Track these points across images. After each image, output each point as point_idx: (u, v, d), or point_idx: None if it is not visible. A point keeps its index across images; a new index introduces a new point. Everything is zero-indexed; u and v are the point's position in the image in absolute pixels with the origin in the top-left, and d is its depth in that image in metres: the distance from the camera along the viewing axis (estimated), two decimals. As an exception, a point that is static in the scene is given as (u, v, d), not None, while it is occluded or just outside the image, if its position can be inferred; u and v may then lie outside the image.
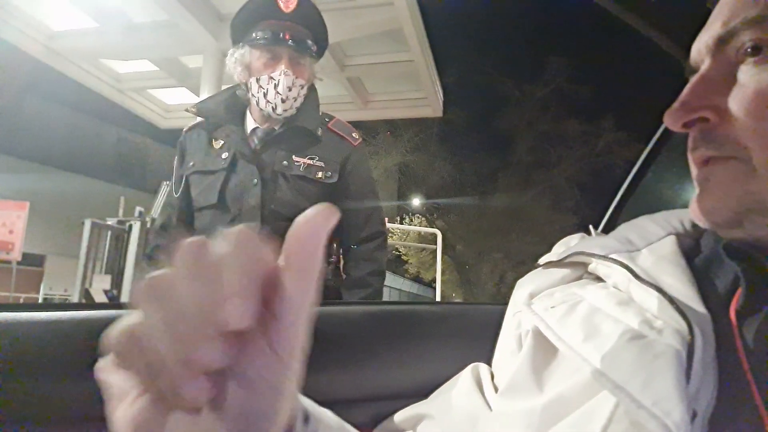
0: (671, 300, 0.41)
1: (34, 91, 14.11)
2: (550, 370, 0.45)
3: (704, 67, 0.45)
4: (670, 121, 0.45)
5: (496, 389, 0.50)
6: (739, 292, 0.41)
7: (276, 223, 1.47)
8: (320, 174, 1.52)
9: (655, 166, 1.31)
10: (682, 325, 0.39)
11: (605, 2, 0.81)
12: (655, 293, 0.42)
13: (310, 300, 0.26)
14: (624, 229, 0.53)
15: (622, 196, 1.32)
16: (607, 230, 0.57)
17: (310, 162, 1.52)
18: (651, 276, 0.44)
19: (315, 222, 0.26)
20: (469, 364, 0.57)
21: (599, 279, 0.50)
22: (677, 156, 1.32)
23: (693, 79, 0.45)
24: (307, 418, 0.35)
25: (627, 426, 0.37)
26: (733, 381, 0.38)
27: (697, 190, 0.46)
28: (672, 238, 0.49)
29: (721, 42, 0.44)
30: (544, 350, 0.47)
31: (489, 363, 0.56)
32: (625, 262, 0.46)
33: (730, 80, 0.43)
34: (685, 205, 0.49)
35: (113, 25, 5.19)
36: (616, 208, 1.32)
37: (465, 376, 0.55)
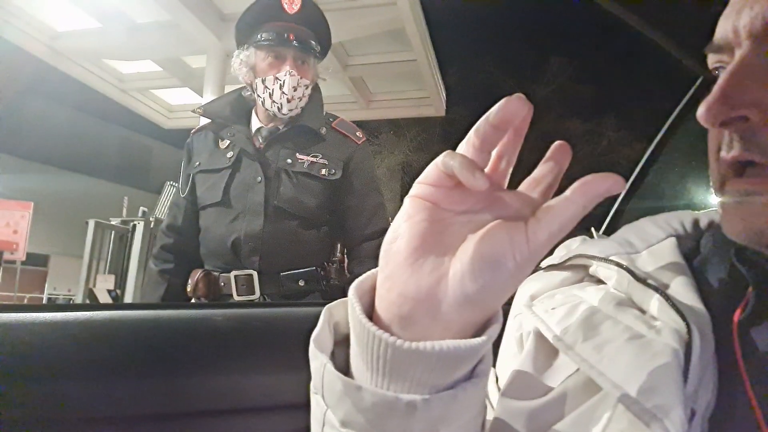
0: (669, 300, 0.41)
1: (37, 92, 14.15)
2: (550, 371, 0.45)
3: (744, 52, 0.38)
4: (708, 117, 0.38)
5: (499, 390, 0.51)
6: (748, 296, 0.41)
7: (279, 220, 1.48)
8: (324, 171, 1.54)
9: (658, 166, 1.31)
10: (681, 324, 0.39)
11: (607, 3, 0.81)
12: (654, 294, 0.42)
13: (567, 225, 0.31)
14: (624, 232, 0.53)
15: (625, 195, 1.31)
16: (609, 231, 0.57)
17: (314, 159, 1.53)
18: (650, 277, 0.44)
19: (606, 185, 0.31)
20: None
21: (600, 281, 0.50)
22: (679, 155, 1.32)
23: (732, 67, 0.38)
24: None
25: (626, 426, 0.37)
26: (732, 382, 0.38)
27: (729, 202, 0.40)
28: (672, 240, 0.49)
29: None
30: (544, 351, 0.47)
31: (492, 364, 0.56)
32: (625, 263, 0.46)
33: None
34: (688, 205, 0.48)
35: (116, 25, 5.20)
36: (618, 208, 1.32)
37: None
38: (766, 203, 0.38)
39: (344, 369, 0.36)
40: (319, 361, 0.36)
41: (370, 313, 0.35)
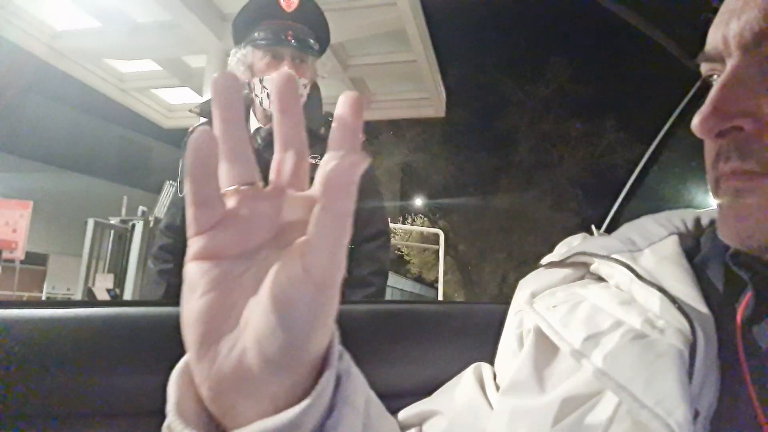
0: (673, 300, 0.41)
1: (37, 91, 14.12)
2: (551, 369, 0.45)
3: (735, 63, 0.39)
4: (703, 129, 0.39)
5: (497, 389, 0.51)
6: (748, 298, 0.41)
7: None
8: None
9: (657, 167, 1.31)
10: (684, 324, 0.39)
11: (608, 2, 0.81)
12: (657, 293, 0.42)
13: (342, 235, 0.28)
14: (626, 229, 0.53)
15: (625, 197, 1.31)
16: (609, 230, 0.57)
17: (313, 161, 1.52)
18: (653, 276, 0.44)
19: (347, 165, 0.28)
20: (472, 363, 0.57)
21: (601, 279, 0.50)
22: (679, 156, 1.32)
23: (723, 78, 0.39)
24: (341, 355, 0.35)
25: (629, 425, 0.37)
26: (734, 382, 0.38)
27: (725, 207, 0.41)
28: (674, 238, 0.49)
29: (762, 37, 0.37)
30: (545, 349, 0.47)
31: (491, 362, 0.56)
32: (627, 262, 0.46)
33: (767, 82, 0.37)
34: (688, 205, 0.48)
35: (116, 25, 5.19)
36: (618, 208, 1.32)
37: (467, 375, 0.55)
38: (757, 204, 0.38)
39: None
40: None
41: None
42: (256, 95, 1.52)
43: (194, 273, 0.30)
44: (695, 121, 0.39)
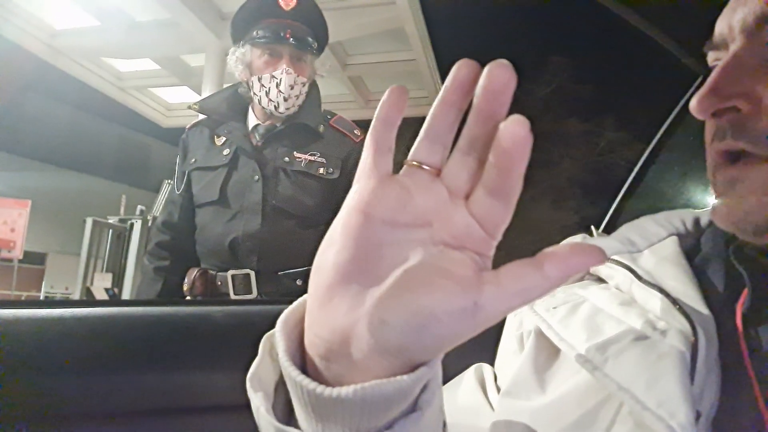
0: (674, 301, 0.41)
1: (35, 90, 14.11)
2: (552, 371, 0.45)
3: (736, 47, 0.40)
4: (699, 108, 0.39)
5: (498, 390, 0.50)
6: (745, 294, 0.41)
7: (278, 219, 1.48)
8: (321, 170, 1.53)
9: (657, 166, 1.31)
10: (686, 326, 0.39)
11: (608, 1, 0.81)
12: (658, 294, 0.42)
13: (536, 295, 0.28)
14: (626, 230, 0.53)
15: (624, 196, 1.31)
16: (608, 230, 0.57)
17: (312, 158, 1.52)
18: (653, 277, 0.44)
19: (579, 257, 0.28)
20: (471, 363, 0.57)
21: (601, 280, 0.50)
22: (678, 156, 1.32)
23: (724, 61, 0.39)
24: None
25: (631, 427, 0.37)
26: (736, 383, 0.38)
27: (719, 190, 0.41)
28: (674, 239, 0.49)
29: (763, 20, 0.39)
30: (546, 350, 0.47)
31: (491, 362, 0.56)
32: (627, 263, 0.46)
33: (766, 66, 0.38)
34: (687, 205, 0.48)
35: (115, 23, 5.20)
36: (617, 207, 1.31)
37: (468, 376, 0.55)
38: (750, 187, 0.38)
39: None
40: (253, 402, 0.33)
41: (302, 348, 0.32)
42: (255, 93, 1.52)
43: (344, 222, 0.31)
44: (693, 101, 0.40)
